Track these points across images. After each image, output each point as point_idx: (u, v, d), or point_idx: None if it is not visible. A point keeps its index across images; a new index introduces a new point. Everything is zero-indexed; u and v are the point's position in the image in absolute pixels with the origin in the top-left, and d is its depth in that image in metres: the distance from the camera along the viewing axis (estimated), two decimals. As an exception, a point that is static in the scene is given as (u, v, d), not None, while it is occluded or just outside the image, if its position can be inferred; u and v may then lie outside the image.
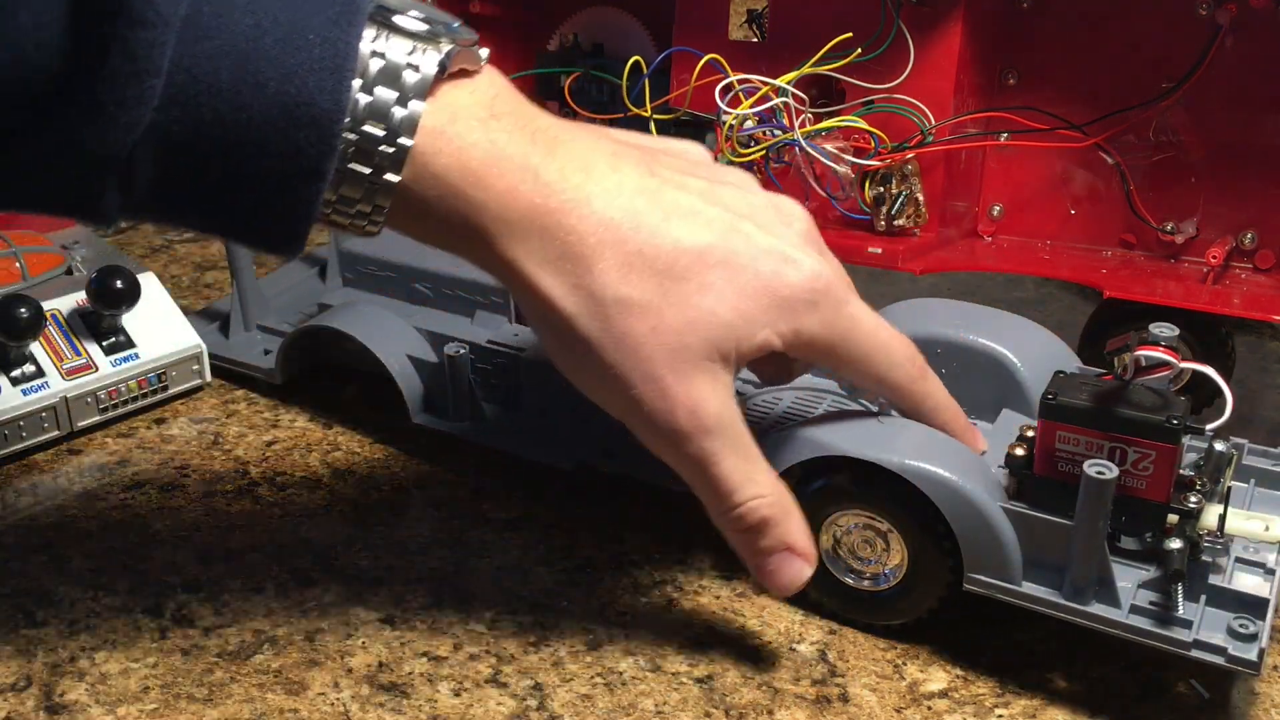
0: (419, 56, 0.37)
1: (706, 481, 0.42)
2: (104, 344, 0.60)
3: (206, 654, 0.46)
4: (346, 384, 0.63)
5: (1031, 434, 0.44)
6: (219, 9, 0.34)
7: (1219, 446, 0.45)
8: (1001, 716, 0.43)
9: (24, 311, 0.56)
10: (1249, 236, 0.57)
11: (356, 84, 0.36)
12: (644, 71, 0.64)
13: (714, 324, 0.40)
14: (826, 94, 0.63)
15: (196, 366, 0.63)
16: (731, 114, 0.60)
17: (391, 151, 0.37)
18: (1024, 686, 0.44)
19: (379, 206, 0.38)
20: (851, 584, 0.46)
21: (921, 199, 0.61)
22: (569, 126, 0.41)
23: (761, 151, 0.61)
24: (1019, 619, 0.44)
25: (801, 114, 0.60)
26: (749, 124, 0.61)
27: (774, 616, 0.48)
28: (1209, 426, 0.44)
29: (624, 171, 0.41)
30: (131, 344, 0.61)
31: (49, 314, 0.59)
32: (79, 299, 0.61)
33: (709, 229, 0.41)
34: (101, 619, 0.48)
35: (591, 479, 0.54)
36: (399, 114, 0.36)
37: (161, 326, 0.62)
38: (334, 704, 0.43)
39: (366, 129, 0.36)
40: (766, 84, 0.60)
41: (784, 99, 0.60)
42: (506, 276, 0.40)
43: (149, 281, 0.62)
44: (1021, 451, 0.43)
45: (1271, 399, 0.61)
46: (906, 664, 0.45)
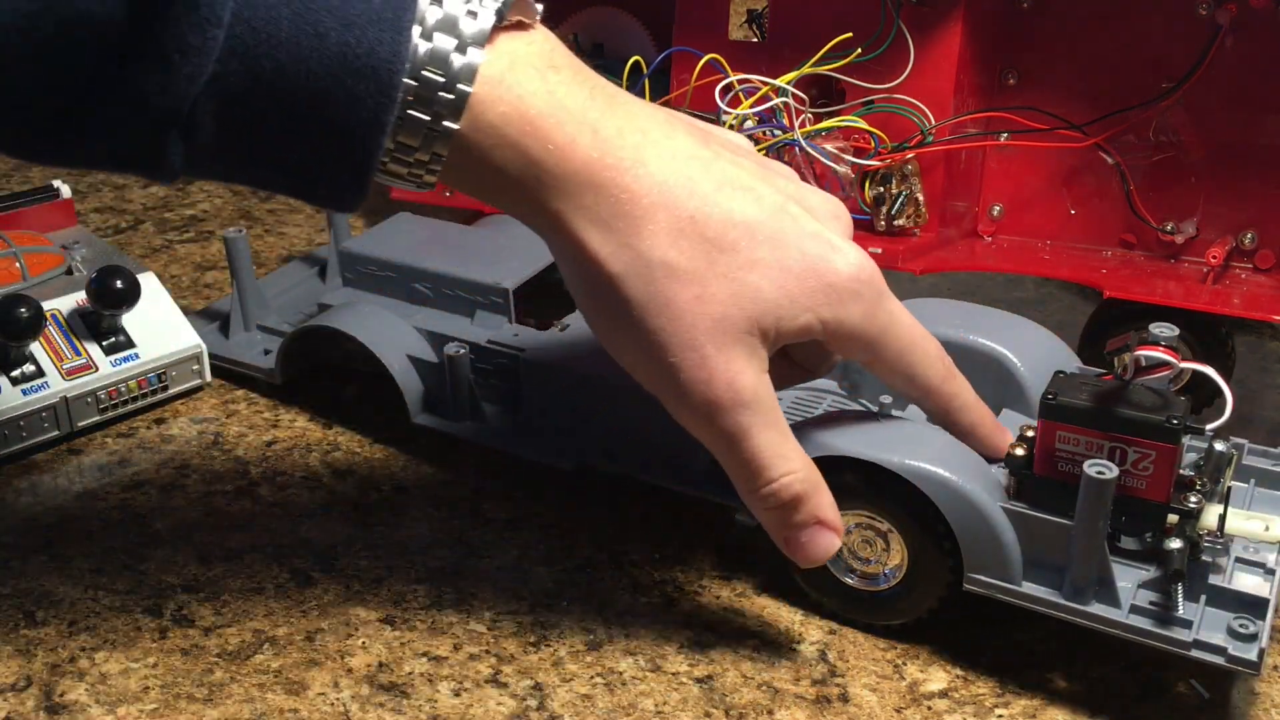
0: (476, 4, 0.37)
1: (738, 456, 0.41)
2: (104, 344, 0.60)
3: (206, 654, 0.46)
4: (346, 384, 0.63)
5: (1031, 434, 0.44)
6: None
7: (1219, 446, 0.45)
8: (1001, 716, 0.43)
9: (24, 311, 0.56)
10: (1249, 236, 0.57)
11: (416, 31, 0.36)
12: (644, 71, 0.64)
13: (758, 300, 0.40)
14: (826, 94, 0.63)
15: (196, 366, 0.63)
16: (731, 114, 0.60)
17: (450, 98, 0.37)
18: (1024, 686, 0.44)
19: (436, 155, 0.38)
20: (851, 584, 0.46)
21: (921, 199, 0.61)
22: (623, 90, 0.41)
23: (762, 151, 0.61)
24: (1019, 619, 0.44)
25: (801, 114, 0.60)
26: (749, 124, 0.61)
27: (774, 616, 0.48)
28: (1209, 426, 0.44)
29: (679, 139, 0.41)
30: (131, 344, 0.61)
31: (49, 314, 0.59)
32: (79, 299, 0.61)
33: (759, 205, 0.41)
34: (101, 619, 0.48)
35: (591, 479, 0.54)
36: (458, 61, 0.36)
37: (161, 326, 0.62)
38: (334, 704, 0.43)
39: (425, 74, 0.36)
40: (766, 84, 0.60)
41: (784, 99, 0.60)
42: (552, 231, 0.40)
43: (149, 281, 0.62)
44: (1021, 451, 0.43)
45: (1271, 399, 0.61)
46: (906, 664, 0.45)
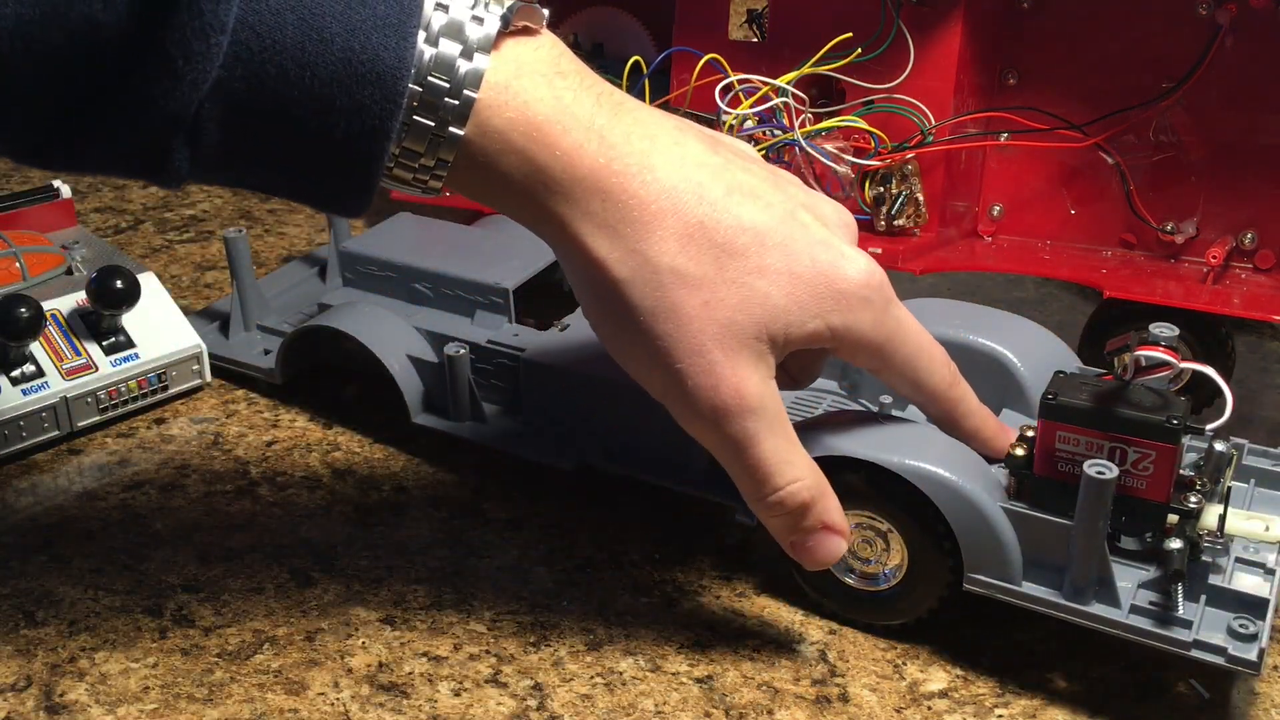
0: (482, 10, 0.37)
1: (745, 463, 0.41)
2: (104, 344, 0.60)
3: (206, 654, 0.46)
4: (346, 384, 0.63)
5: (1031, 434, 0.44)
6: None
7: (1219, 446, 0.45)
8: (1001, 716, 0.43)
9: (24, 311, 0.56)
10: (1249, 236, 0.57)
11: (421, 37, 0.36)
12: (644, 71, 0.64)
13: (767, 306, 0.40)
14: (826, 94, 0.63)
15: (196, 366, 0.63)
16: (731, 114, 0.60)
17: (456, 104, 0.37)
18: (1024, 686, 0.44)
19: (442, 160, 0.38)
20: (851, 584, 0.46)
21: (921, 199, 0.61)
22: (630, 96, 0.41)
23: (761, 151, 0.61)
24: (1019, 619, 0.44)
25: (801, 114, 0.60)
26: (749, 124, 0.61)
27: (774, 616, 0.48)
28: (1209, 426, 0.44)
29: (688, 145, 0.41)
30: (131, 344, 0.61)
31: (49, 314, 0.59)
32: (79, 299, 0.61)
33: (769, 211, 0.40)
34: (101, 619, 0.48)
35: (591, 479, 0.54)
36: (463, 67, 0.36)
37: (161, 326, 0.62)
38: (334, 704, 0.43)
39: (431, 80, 0.36)
40: (766, 84, 0.60)
41: (784, 99, 0.60)
42: (558, 237, 0.40)
43: (149, 281, 0.62)
44: (1021, 451, 0.43)
45: (1271, 399, 0.61)
46: (906, 664, 0.45)
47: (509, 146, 0.38)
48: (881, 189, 0.61)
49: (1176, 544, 0.41)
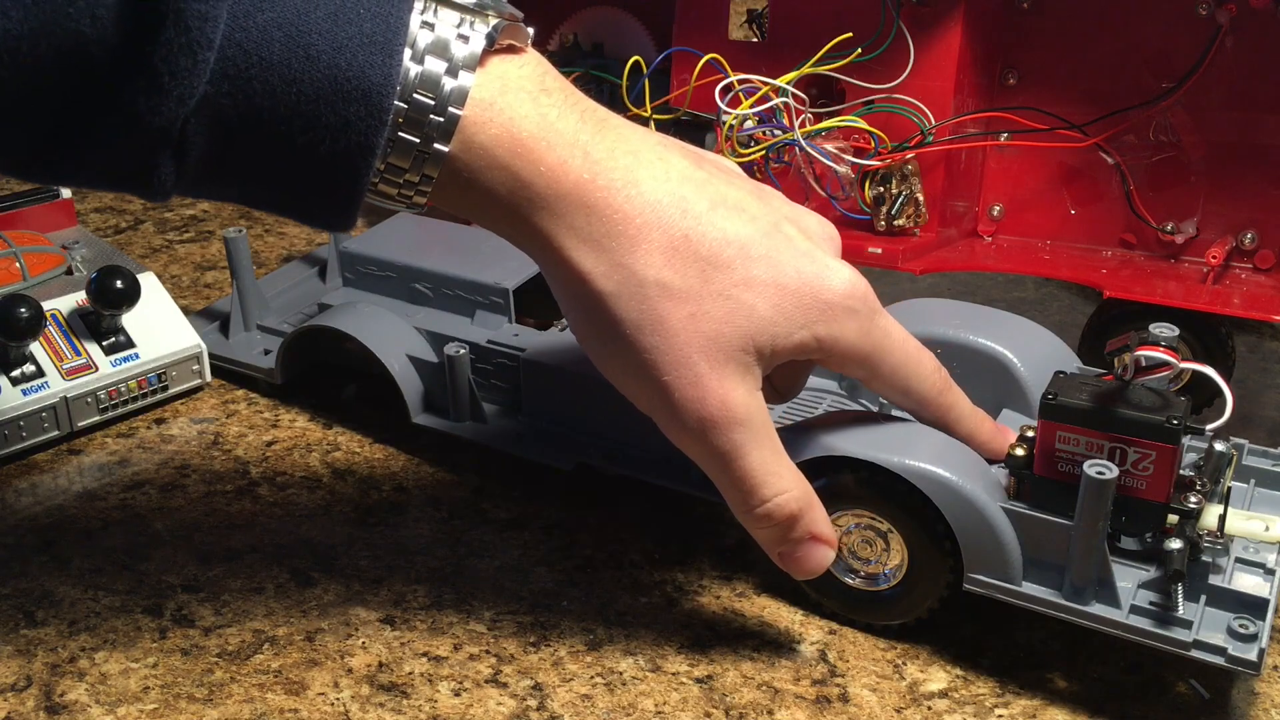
0: (467, 29, 0.37)
1: (731, 475, 0.41)
2: (104, 344, 0.60)
3: (206, 654, 0.46)
4: (346, 384, 0.63)
5: (1031, 434, 0.44)
6: None
7: (1219, 446, 0.45)
8: (1001, 716, 0.43)
9: (24, 311, 0.56)
10: (1249, 236, 0.57)
11: (406, 54, 0.36)
12: (644, 71, 0.64)
13: (753, 317, 0.40)
14: (826, 94, 0.63)
15: (196, 366, 0.63)
16: (731, 114, 0.60)
17: (441, 121, 0.37)
18: (1024, 686, 0.44)
19: (427, 176, 0.38)
20: (851, 584, 0.46)
21: (921, 199, 0.61)
22: (614, 114, 0.41)
23: (761, 151, 0.61)
24: (1019, 619, 0.44)
25: (801, 114, 0.60)
26: (749, 124, 0.61)
27: (774, 616, 0.48)
28: (1209, 426, 0.44)
29: (671, 161, 0.41)
30: (131, 344, 0.61)
31: (49, 314, 0.59)
32: (79, 299, 0.61)
33: (753, 224, 0.41)
34: (101, 619, 0.48)
35: (591, 479, 0.54)
36: (449, 85, 0.37)
37: (161, 326, 0.62)
38: (334, 704, 0.43)
39: (416, 97, 0.36)
40: (766, 84, 0.60)
41: (784, 99, 0.60)
42: (543, 252, 0.40)
43: (149, 281, 0.62)
44: (1021, 451, 0.43)
45: (1271, 399, 0.61)
46: (906, 664, 0.45)
47: (494, 162, 0.38)
48: (881, 189, 0.61)
49: (1176, 544, 0.40)
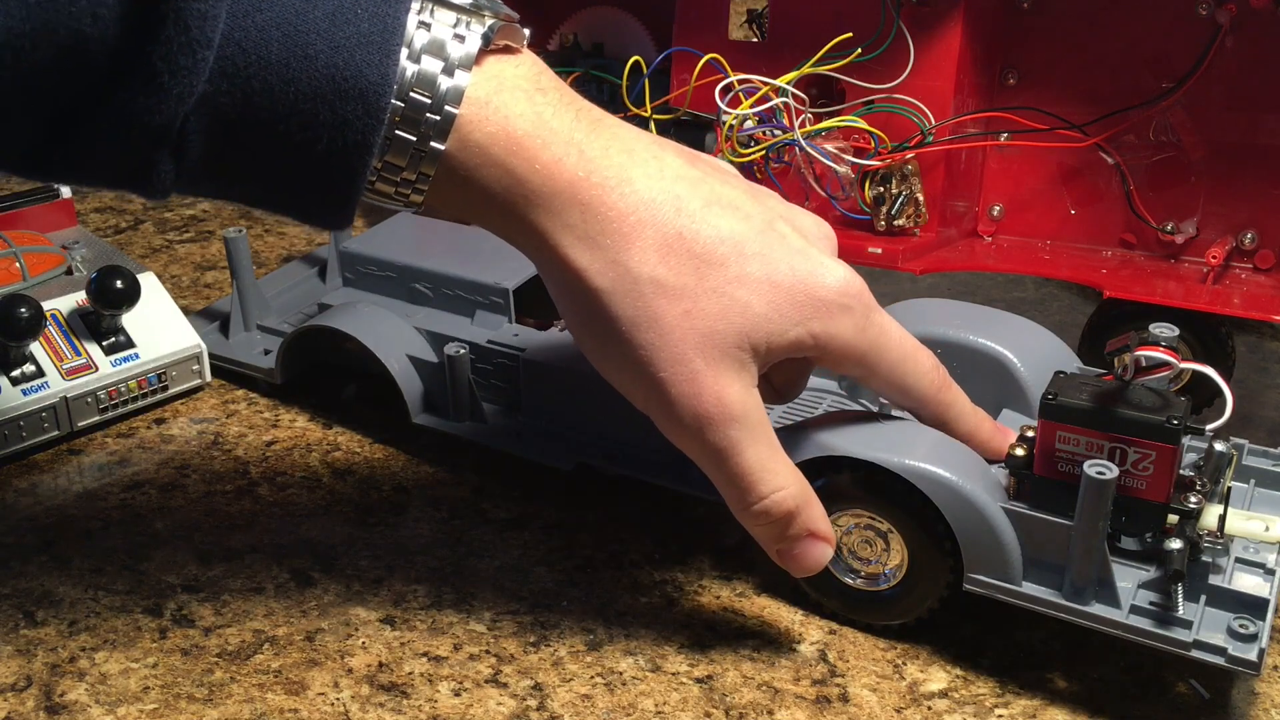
0: (464, 29, 0.37)
1: (728, 472, 0.41)
2: (104, 344, 0.60)
3: (206, 654, 0.46)
4: (346, 384, 0.63)
5: (1031, 434, 0.44)
6: None
7: (1219, 446, 0.45)
8: (1001, 716, 0.43)
9: (24, 311, 0.56)
10: (1249, 236, 0.57)
11: (403, 54, 0.36)
12: (644, 71, 0.64)
13: (748, 315, 0.40)
14: (826, 94, 0.63)
15: (196, 366, 0.63)
16: (731, 114, 0.60)
17: (437, 120, 0.37)
18: (1024, 686, 0.44)
19: (423, 174, 0.38)
20: (851, 584, 0.46)
21: (921, 199, 0.61)
22: (609, 114, 0.42)
23: (761, 151, 0.61)
24: (1019, 619, 0.44)
25: (801, 114, 0.60)
26: (749, 124, 0.61)
27: (774, 616, 0.48)
28: (1209, 426, 0.44)
29: (665, 159, 0.41)
30: (131, 344, 0.61)
31: (49, 314, 0.59)
32: (79, 299, 0.61)
33: (747, 222, 0.41)
34: (101, 619, 0.48)
35: (591, 479, 0.54)
36: (445, 84, 0.37)
37: (161, 326, 0.62)
38: (334, 704, 0.43)
39: (413, 96, 0.37)
40: (766, 84, 0.60)
41: (784, 99, 0.60)
42: (538, 249, 0.40)
43: (149, 281, 0.62)
44: (1021, 451, 0.43)
45: (1271, 399, 0.61)
46: (906, 664, 0.45)
47: (489, 160, 0.38)
48: (881, 189, 0.61)
49: (1176, 544, 0.40)
